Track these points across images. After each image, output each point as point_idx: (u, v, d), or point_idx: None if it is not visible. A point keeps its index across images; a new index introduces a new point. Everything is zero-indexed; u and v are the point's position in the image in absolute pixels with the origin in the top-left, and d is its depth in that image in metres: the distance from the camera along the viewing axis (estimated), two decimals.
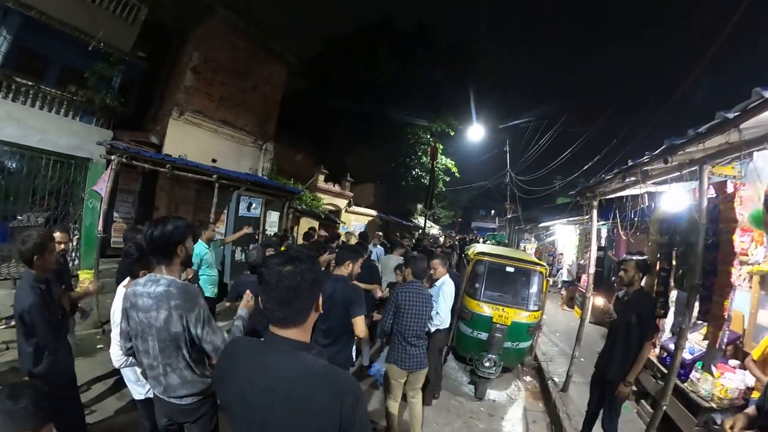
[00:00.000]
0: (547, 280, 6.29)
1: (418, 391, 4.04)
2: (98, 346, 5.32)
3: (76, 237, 8.72)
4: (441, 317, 4.63)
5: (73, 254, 8.57)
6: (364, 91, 17.62)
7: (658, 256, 3.92)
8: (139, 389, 2.74)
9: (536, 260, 6.70)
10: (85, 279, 7.39)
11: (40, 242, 2.77)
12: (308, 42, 18.49)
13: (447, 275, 4.88)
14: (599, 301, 3.42)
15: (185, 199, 10.89)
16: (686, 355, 4.29)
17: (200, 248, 5.37)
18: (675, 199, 4.19)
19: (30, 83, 8.41)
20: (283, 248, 8.05)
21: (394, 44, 18.58)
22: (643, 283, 3.97)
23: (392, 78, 17.64)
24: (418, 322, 3.79)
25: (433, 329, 4.54)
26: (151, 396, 2.56)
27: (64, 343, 3.02)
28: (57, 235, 3.63)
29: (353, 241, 8.75)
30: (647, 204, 5.14)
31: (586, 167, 13.27)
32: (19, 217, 8.44)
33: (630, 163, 4.07)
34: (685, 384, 4.01)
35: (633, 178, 4.33)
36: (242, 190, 9.59)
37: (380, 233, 11.24)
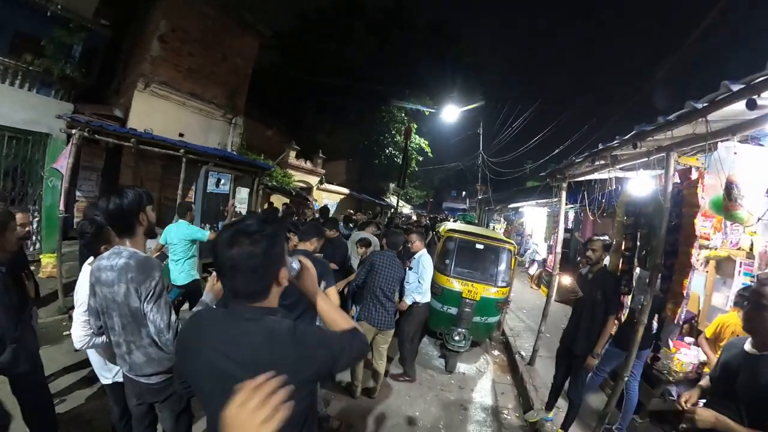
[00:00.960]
0: (516, 258, 6.46)
1: (383, 354, 4.49)
2: (65, 333, 5.10)
3: (36, 219, 8.28)
4: (423, 288, 4.84)
5: (34, 237, 8.18)
6: (340, 67, 17.25)
7: (624, 236, 4.09)
8: (105, 374, 2.62)
9: (505, 238, 6.85)
10: (48, 263, 7.32)
11: (0, 221, 2.61)
12: (284, 15, 17.76)
13: (424, 249, 5.05)
14: (566, 279, 3.57)
15: (151, 175, 10.46)
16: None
17: (191, 230, 5.27)
18: (641, 184, 4.36)
19: None
20: None
21: (371, 22, 18.17)
22: (606, 261, 4.16)
23: (369, 55, 17.32)
24: (390, 283, 4.31)
25: (417, 299, 4.87)
26: (119, 380, 2.51)
27: (27, 329, 2.85)
28: (18, 216, 3.21)
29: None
30: (614, 187, 5.33)
31: (556, 151, 13.59)
32: None
33: (600, 146, 4.18)
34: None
35: (602, 162, 4.46)
36: (211, 165, 9.29)
37: (351, 211, 11.21)
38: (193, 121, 11.22)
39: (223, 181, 9.66)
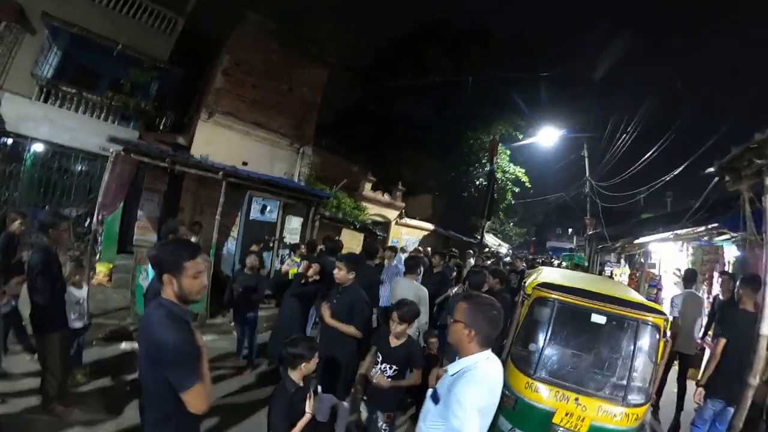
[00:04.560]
0: (666, 341, 3.00)
1: None
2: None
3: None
4: None
5: (98, 247, 7.89)
6: (419, 96, 15.09)
7: None
8: None
9: (648, 303, 3.20)
10: (101, 272, 7.21)
11: None
12: (361, 50, 16.61)
13: (484, 353, 1.73)
14: None
15: (210, 200, 9.24)
16: None
17: None
18: None
19: (73, 91, 8.53)
20: (296, 258, 5.77)
21: (447, 45, 15.81)
22: None
23: (447, 80, 14.63)
24: None
25: None
26: None
27: None
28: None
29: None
30: None
31: (683, 166, 9.06)
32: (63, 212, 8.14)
33: None
34: None
35: None
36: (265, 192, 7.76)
37: (420, 248, 8.43)
38: (257, 150, 9.98)
39: (269, 208, 7.88)
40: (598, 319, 2.91)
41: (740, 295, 3.42)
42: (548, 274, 3.95)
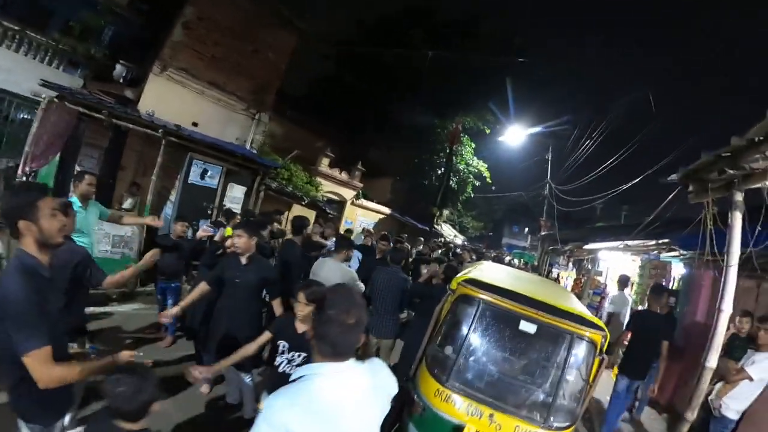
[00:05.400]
0: (602, 359, 2.63)
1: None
2: None
3: None
4: None
5: None
6: (394, 79, 14.39)
7: None
8: None
9: (584, 313, 2.65)
10: None
11: None
12: (341, 25, 15.66)
13: (334, 364, 1.18)
14: None
15: (155, 161, 8.37)
16: None
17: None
18: None
19: (16, 28, 7.55)
20: (229, 230, 5.14)
21: (431, 31, 15.12)
22: None
23: (425, 67, 13.94)
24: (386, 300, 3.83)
25: None
26: None
27: None
28: None
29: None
30: None
31: (639, 179, 8.92)
32: None
33: None
34: None
35: None
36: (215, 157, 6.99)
37: (372, 230, 7.96)
38: (210, 112, 9.09)
39: (210, 173, 7.14)
40: (527, 327, 2.52)
41: (648, 299, 4.46)
42: (484, 270, 3.50)
